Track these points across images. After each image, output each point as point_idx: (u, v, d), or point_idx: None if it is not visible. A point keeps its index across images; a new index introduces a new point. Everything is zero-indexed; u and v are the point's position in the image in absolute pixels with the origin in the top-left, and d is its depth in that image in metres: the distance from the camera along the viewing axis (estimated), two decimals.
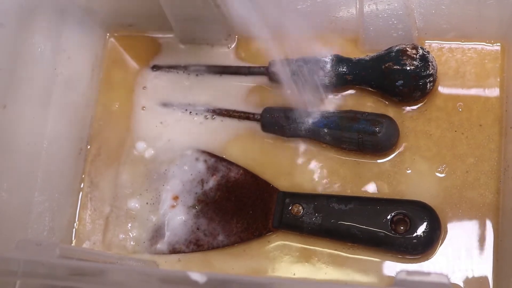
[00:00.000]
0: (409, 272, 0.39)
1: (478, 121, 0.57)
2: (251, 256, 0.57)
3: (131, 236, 0.59)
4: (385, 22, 0.56)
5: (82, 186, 0.62)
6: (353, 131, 0.56)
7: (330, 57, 0.57)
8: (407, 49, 0.55)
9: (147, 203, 0.60)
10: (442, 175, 0.56)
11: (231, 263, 0.57)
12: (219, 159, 0.59)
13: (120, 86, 0.64)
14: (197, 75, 0.62)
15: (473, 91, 0.58)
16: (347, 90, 0.59)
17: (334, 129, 0.56)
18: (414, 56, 0.55)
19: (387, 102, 0.58)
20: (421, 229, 0.53)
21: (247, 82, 0.61)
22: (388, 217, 0.54)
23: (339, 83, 0.58)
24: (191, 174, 0.59)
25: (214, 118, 0.61)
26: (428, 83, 0.55)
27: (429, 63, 0.55)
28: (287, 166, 0.59)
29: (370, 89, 0.58)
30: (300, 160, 0.59)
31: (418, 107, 0.58)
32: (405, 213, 0.53)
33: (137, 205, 0.60)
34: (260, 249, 0.57)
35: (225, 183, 0.59)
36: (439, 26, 0.57)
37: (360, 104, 0.58)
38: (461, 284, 0.53)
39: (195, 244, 0.58)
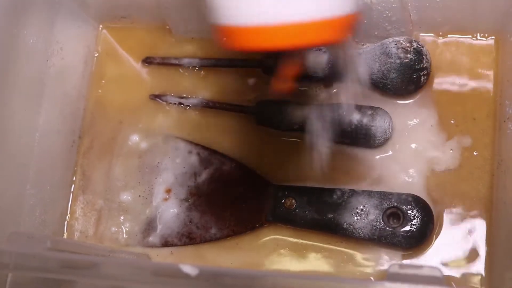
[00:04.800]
0: (401, 265, 0.39)
1: (472, 114, 0.57)
2: (243, 250, 0.57)
3: (124, 229, 0.59)
4: (379, 15, 0.56)
5: (74, 178, 0.62)
6: (347, 124, 0.56)
7: (324, 50, 0.57)
8: (401, 42, 0.55)
9: (139, 196, 0.60)
10: (436, 168, 0.56)
11: (223, 256, 0.57)
12: (212, 152, 0.59)
13: (112, 79, 0.63)
14: (190, 67, 0.62)
15: (467, 85, 0.58)
16: (341, 83, 0.59)
17: (328, 122, 0.56)
18: (408, 49, 0.55)
19: (380, 96, 0.58)
20: (414, 223, 0.53)
21: (241, 75, 0.61)
22: (382, 210, 0.54)
23: (333, 76, 0.57)
24: (184, 167, 0.59)
25: (208, 111, 0.61)
26: (422, 77, 0.55)
27: (423, 57, 0.55)
28: (280, 159, 0.59)
29: (363, 82, 0.57)
30: (293, 153, 0.59)
31: (412, 101, 0.58)
32: (399, 207, 0.53)
33: (129, 198, 0.60)
34: (253, 243, 0.57)
35: (218, 176, 0.59)
36: (433, 19, 0.57)
37: (353, 97, 0.58)
38: (454, 278, 0.54)
39: (188, 237, 0.58)
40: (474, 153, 0.56)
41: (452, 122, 0.57)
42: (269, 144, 0.59)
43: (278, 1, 0.39)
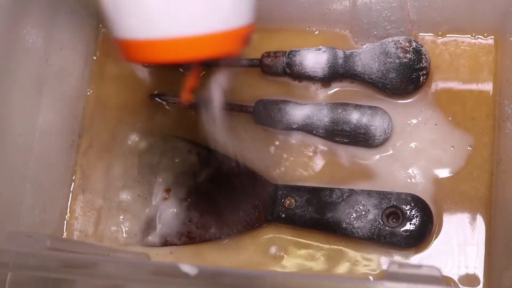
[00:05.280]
0: (400, 265, 0.39)
1: (471, 114, 0.57)
2: (243, 249, 0.57)
3: (123, 228, 0.59)
4: (378, 15, 0.56)
5: (74, 178, 0.62)
6: (346, 124, 0.56)
7: (323, 49, 0.57)
8: (401, 42, 0.55)
9: (139, 195, 0.60)
10: (435, 168, 0.56)
11: (223, 255, 0.57)
12: (212, 151, 0.59)
13: (112, 78, 0.63)
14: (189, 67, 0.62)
15: (466, 84, 0.58)
16: (340, 82, 0.59)
17: (327, 122, 0.56)
18: (408, 49, 0.55)
19: (380, 95, 0.58)
20: (413, 222, 0.53)
21: (239, 74, 0.61)
22: (381, 210, 0.54)
23: (332, 76, 0.57)
24: (184, 167, 0.59)
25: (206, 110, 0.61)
26: (421, 76, 0.55)
27: (423, 56, 0.55)
28: (280, 158, 0.59)
29: (363, 81, 0.57)
30: (293, 153, 0.59)
31: (411, 100, 0.58)
32: (398, 206, 0.53)
33: (129, 197, 0.60)
34: (253, 242, 0.57)
35: (217, 176, 0.59)
36: (432, 19, 0.57)
37: (353, 97, 0.58)
38: (453, 277, 0.54)
39: (187, 237, 0.58)
40: (474, 153, 0.56)
41: (452, 121, 0.57)
42: (268, 143, 0.59)
43: (168, 15, 0.40)
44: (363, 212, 0.54)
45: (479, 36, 0.58)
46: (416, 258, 0.54)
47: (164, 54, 0.41)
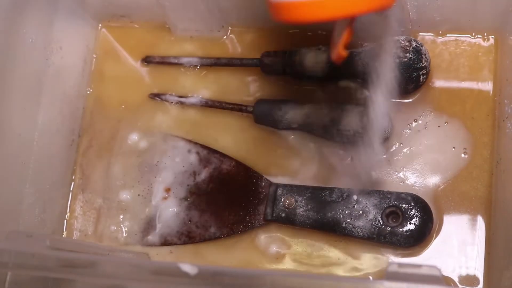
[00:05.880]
0: (400, 265, 0.39)
1: (471, 114, 0.57)
2: (243, 249, 0.57)
3: (123, 228, 0.59)
4: (378, 14, 0.55)
5: (73, 177, 0.62)
6: (346, 124, 0.56)
7: (323, 49, 0.57)
8: (401, 41, 0.55)
9: (139, 195, 0.60)
10: (435, 167, 0.56)
11: (223, 255, 0.57)
12: (212, 151, 0.59)
13: (112, 77, 0.63)
14: (189, 66, 0.62)
15: (466, 84, 0.58)
16: (340, 82, 0.59)
17: (327, 121, 0.56)
18: (407, 48, 0.55)
19: None
20: (413, 222, 0.53)
21: (239, 74, 0.61)
22: (381, 209, 0.54)
23: (332, 75, 0.57)
24: (183, 166, 0.59)
25: (207, 110, 0.61)
26: (421, 76, 0.55)
27: (423, 56, 0.55)
28: (279, 158, 0.59)
29: (362, 81, 0.57)
30: (292, 153, 0.59)
31: (411, 100, 0.58)
32: (398, 206, 0.53)
33: (129, 196, 0.60)
34: (252, 242, 0.57)
35: (217, 175, 0.59)
36: (432, 18, 0.57)
37: (352, 97, 0.58)
38: (453, 277, 0.54)
39: (187, 236, 0.58)
40: (473, 152, 0.56)
41: (452, 121, 0.57)
42: (268, 143, 0.59)
43: None
44: (363, 212, 0.54)
45: (479, 36, 0.58)
46: (416, 258, 0.54)
47: (320, 12, 0.41)
